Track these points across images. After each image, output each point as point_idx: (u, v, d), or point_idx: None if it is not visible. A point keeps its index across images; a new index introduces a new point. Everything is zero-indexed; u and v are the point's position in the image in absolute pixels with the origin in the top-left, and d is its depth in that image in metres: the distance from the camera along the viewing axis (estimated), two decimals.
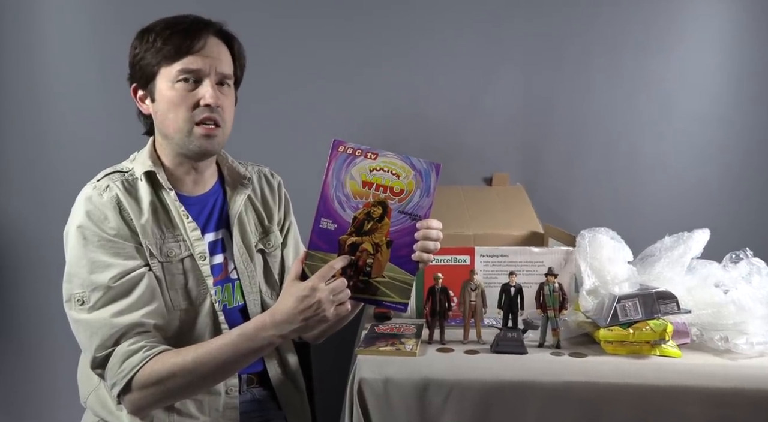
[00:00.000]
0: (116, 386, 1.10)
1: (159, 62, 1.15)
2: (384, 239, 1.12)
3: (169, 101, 1.16)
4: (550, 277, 1.28)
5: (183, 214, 1.21)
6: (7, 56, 1.82)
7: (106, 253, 1.12)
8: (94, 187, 1.18)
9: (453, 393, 1.12)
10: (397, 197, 1.12)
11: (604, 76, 1.95)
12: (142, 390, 1.09)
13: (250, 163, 1.38)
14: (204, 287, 1.21)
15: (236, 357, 1.11)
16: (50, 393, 1.90)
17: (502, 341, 1.25)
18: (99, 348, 1.10)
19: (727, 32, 1.95)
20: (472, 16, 1.91)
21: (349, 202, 1.11)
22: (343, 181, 1.11)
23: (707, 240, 1.36)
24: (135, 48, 1.19)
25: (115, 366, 1.09)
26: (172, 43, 1.15)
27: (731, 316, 1.26)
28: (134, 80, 1.20)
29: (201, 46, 1.15)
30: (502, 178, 1.94)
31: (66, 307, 1.14)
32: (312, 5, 1.88)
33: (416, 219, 1.12)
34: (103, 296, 1.11)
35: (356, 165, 1.11)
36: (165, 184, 1.20)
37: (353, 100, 1.92)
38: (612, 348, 1.24)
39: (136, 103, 1.22)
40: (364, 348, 1.24)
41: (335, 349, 1.55)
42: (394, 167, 1.11)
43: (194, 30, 1.16)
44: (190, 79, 1.16)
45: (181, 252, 1.20)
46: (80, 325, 1.12)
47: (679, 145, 1.98)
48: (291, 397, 1.34)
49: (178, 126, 1.17)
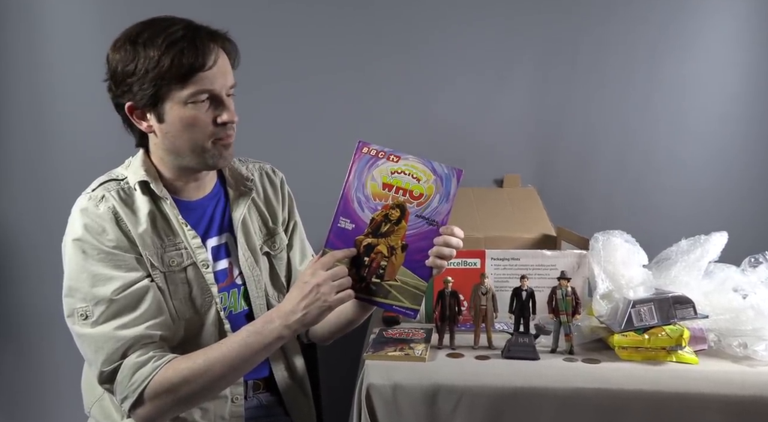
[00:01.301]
0: (127, 399, 1.07)
1: (168, 84, 1.08)
2: (399, 242, 1.12)
3: (184, 123, 1.10)
4: (563, 281, 1.26)
5: (182, 223, 1.18)
6: (8, 57, 1.82)
7: (107, 266, 1.10)
8: (89, 197, 1.14)
9: (463, 399, 1.10)
10: (416, 201, 1.12)
11: (618, 75, 1.93)
12: (155, 400, 1.07)
13: (251, 160, 1.34)
14: (209, 295, 1.20)
15: (247, 355, 1.10)
16: (53, 398, 1.91)
17: (513, 346, 1.24)
18: (105, 363, 1.08)
19: (744, 30, 1.92)
20: (485, 14, 1.90)
21: (368, 203, 1.11)
22: (364, 181, 1.11)
23: (725, 244, 1.34)
24: (126, 63, 1.08)
25: (125, 379, 1.07)
26: (181, 63, 1.06)
27: (750, 322, 1.24)
28: (130, 99, 1.11)
29: (212, 64, 1.10)
30: (514, 180, 1.92)
31: (69, 322, 1.12)
32: (321, 3, 1.87)
33: (433, 224, 1.12)
34: (107, 310, 1.09)
35: (378, 167, 1.12)
36: (161, 194, 1.17)
37: (363, 100, 1.91)
38: (627, 354, 1.23)
39: (132, 120, 1.14)
40: (372, 353, 1.22)
41: (343, 354, 1.54)
42: (415, 171, 1.11)
43: (204, 46, 1.09)
44: (204, 99, 1.11)
45: (183, 261, 1.18)
46: (85, 340, 1.10)
47: (696, 146, 1.95)
48: (298, 402, 1.32)
49: (193, 145, 1.13)
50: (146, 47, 1.08)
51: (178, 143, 1.13)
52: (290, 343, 1.31)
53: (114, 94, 1.14)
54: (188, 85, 1.09)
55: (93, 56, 1.81)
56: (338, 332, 1.30)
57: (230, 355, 1.09)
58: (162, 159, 1.18)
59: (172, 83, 1.08)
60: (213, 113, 1.12)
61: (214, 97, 1.12)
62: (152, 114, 1.12)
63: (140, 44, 1.08)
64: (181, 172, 1.19)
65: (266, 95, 1.84)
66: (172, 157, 1.16)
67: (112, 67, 1.12)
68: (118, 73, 1.11)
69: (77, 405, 1.28)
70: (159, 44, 1.07)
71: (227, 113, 1.13)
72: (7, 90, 1.83)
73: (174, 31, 1.09)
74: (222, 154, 1.15)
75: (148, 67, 1.07)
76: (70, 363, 1.30)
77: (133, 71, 1.08)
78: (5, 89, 1.83)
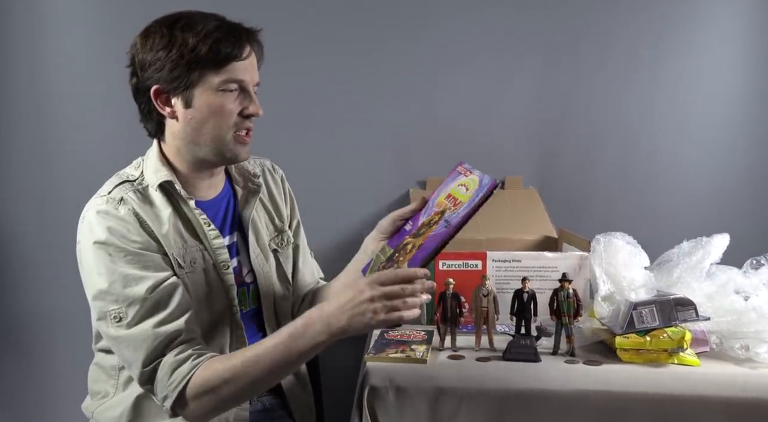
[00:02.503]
0: (168, 399, 1.06)
1: (203, 68, 1.09)
2: (420, 242, 1.11)
3: (212, 110, 1.11)
4: (565, 283, 1.26)
5: (204, 222, 1.18)
6: (10, 58, 1.82)
7: (135, 267, 1.09)
8: (106, 200, 1.12)
9: (464, 401, 1.11)
10: (454, 207, 1.13)
11: (621, 76, 1.92)
12: (195, 400, 1.05)
13: (252, 156, 1.32)
14: (227, 297, 1.19)
15: (287, 359, 1.04)
16: (54, 399, 1.90)
17: (514, 348, 1.24)
18: (146, 362, 1.06)
19: (748, 32, 1.91)
20: (487, 16, 1.89)
21: (429, 210, 1.14)
22: (440, 192, 1.14)
23: (727, 246, 1.34)
24: (160, 47, 1.10)
25: (164, 377, 1.06)
26: (219, 50, 1.09)
27: (752, 324, 1.24)
28: (158, 82, 1.11)
29: (246, 55, 1.12)
30: (516, 181, 1.91)
31: (101, 326, 1.10)
32: (322, 4, 1.87)
33: (447, 226, 1.11)
34: (141, 308, 1.08)
35: (456, 181, 1.14)
36: (183, 194, 1.16)
37: (365, 102, 1.90)
38: (628, 357, 1.22)
39: (155, 105, 1.13)
40: (373, 355, 1.22)
41: (344, 356, 1.53)
42: (470, 183, 1.13)
43: (240, 38, 1.11)
44: (234, 88, 1.13)
45: (204, 262, 1.17)
46: (122, 342, 1.08)
47: (698, 148, 1.95)
48: (301, 405, 1.32)
49: (217, 134, 1.13)
50: (184, 32, 1.09)
51: (201, 131, 1.13)
52: None
53: (140, 78, 1.13)
54: (221, 73, 1.10)
55: (94, 57, 1.83)
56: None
57: (270, 358, 1.04)
58: (179, 150, 1.17)
59: (206, 69, 1.09)
60: (240, 104, 1.13)
61: (243, 88, 1.13)
62: (180, 98, 1.12)
63: (177, 29, 1.10)
64: (195, 167, 1.18)
65: (268, 95, 1.84)
66: (190, 147, 1.16)
67: (143, 51, 1.12)
68: (148, 57, 1.11)
69: (77, 406, 1.27)
70: (198, 31, 1.09)
71: (253, 106, 1.14)
72: (7, 91, 1.83)
73: (211, 20, 1.11)
74: (240, 152, 1.16)
75: (184, 52, 1.09)
76: (71, 365, 1.30)
77: (167, 55, 1.09)
78: (6, 90, 1.83)
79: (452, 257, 1.42)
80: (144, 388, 1.10)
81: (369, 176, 1.90)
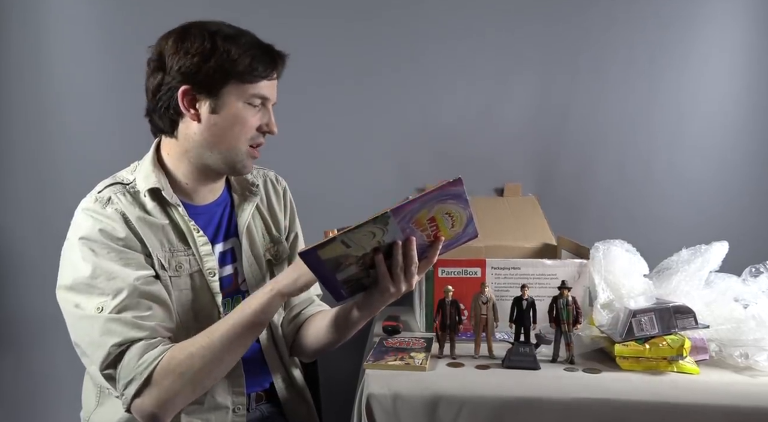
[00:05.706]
0: (134, 381, 1.05)
1: (237, 76, 1.13)
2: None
3: (238, 119, 1.15)
4: (564, 290, 1.25)
5: (193, 228, 1.19)
6: (10, 59, 1.82)
7: (117, 263, 1.10)
8: (95, 199, 1.15)
9: (464, 408, 1.10)
10: (431, 239, 1.11)
11: (619, 84, 1.92)
12: (163, 381, 1.05)
13: (255, 166, 1.33)
14: (213, 304, 1.19)
15: (246, 321, 1.09)
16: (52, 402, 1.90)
17: (514, 356, 1.24)
18: (114, 346, 1.06)
19: (746, 38, 1.92)
20: (485, 24, 1.90)
21: (402, 223, 1.05)
22: (419, 207, 1.05)
23: (726, 253, 1.34)
24: (200, 52, 1.12)
25: (132, 360, 1.06)
26: (258, 64, 1.14)
27: (751, 332, 1.24)
28: (192, 83, 1.13)
29: (276, 76, 1.20)
30: (514, 189, 1.91)
31: (72, 312, 1.10)
32: (321, 9, 1.88)
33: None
34: (121, 303, 1.08)
35: (445, 203, 1.06)
36: (171, 201, 1.18)
37: (364, 110, 1.91)
38: (627, 364, 1.22)
39: (179, 105, 1.14)
40: (372, 362, 1.22)
41: (343, 363, 1.53)
42: (457, 219, 1.09)
43: (274, 58, 1.18)
44: (258, 103, 1.17)
45: (190, 267, 1.18)
46: (95, 324, 1.07)
47: (697, 155, 1.95)
48: (299, 413, 1.32)
49: (235, 143, 1.17)
50: (226, 42, 1.14)
51: (222, 137, 1.16)
52: (288, 356, 1.31)
53: (167, 76, 1.14)
54: (253, 85, 1.16)
55: (95, 60, 1.83)
56: (328, 346, 1.27)
57: (228, 322, 1.10)
58: (186, 152, 1.18)
59: (241, 81, 1.14)
60: (260, 119, 1.18)
61: (265, 105, 1.19)
62: (207, 103, 1.14)
63: (219, 38, 1.14)
64: (199, 172, 1.20)
65: None
66: (201, 151, 1.17)
67: (178, 52, 1.13)
68: (184, 59, 1.13)
69: (75, 409, 1.27)
70: (241, 43, 1.14)
71: (272, 123, 1.20)
72: (8, 92, 1.84)
73: (249, 36, 1.17)
74: (248, 165, 1.20)
75: (224, 61, 1.13)
76: (69, 368, 1.29)
77: (207, 61, 1.12)
78: (6, 91, 1.84)
79: (451, 264, 1.42)
80: (103, 374, 1.08)
81: (368, 183, 1.90)
